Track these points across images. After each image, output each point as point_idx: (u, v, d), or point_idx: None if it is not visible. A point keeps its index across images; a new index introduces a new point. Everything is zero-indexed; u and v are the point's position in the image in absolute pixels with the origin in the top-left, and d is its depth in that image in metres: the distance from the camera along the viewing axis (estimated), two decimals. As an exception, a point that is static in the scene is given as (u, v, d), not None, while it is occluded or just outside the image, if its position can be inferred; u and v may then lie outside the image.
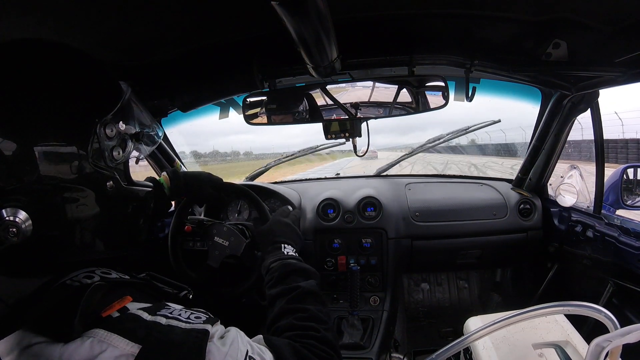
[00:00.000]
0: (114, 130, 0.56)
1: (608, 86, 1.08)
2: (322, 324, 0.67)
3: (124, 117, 0.58)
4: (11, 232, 0.46)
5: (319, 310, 0.71)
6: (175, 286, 0.74)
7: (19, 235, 0.46)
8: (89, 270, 0.54)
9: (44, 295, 0.49)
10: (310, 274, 0.81)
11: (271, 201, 1.78)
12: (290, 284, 0.75)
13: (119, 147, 0.57)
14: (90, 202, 0.54)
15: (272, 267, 0.83)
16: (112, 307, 0.49)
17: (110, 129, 0.55)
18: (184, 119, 1.62)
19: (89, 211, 0.54)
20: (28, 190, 0.48)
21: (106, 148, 0.55)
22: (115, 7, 0.70)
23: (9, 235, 0.46)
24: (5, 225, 0.46)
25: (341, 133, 1.20)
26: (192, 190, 1.05)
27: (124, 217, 0.62)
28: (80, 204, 0.52)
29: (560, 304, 0.67)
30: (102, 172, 0.55)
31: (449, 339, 1.90)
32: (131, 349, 0.45)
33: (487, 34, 1.02)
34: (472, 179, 1.92)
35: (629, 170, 1.50)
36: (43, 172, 0.48)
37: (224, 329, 0.57)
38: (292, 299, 0.72)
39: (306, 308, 0.70)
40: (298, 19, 0.63)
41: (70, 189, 0.51)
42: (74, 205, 0.52)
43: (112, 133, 0.55)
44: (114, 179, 0.57)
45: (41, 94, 0.50)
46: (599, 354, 0.56)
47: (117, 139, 0.57)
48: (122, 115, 0.58)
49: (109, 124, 0.55)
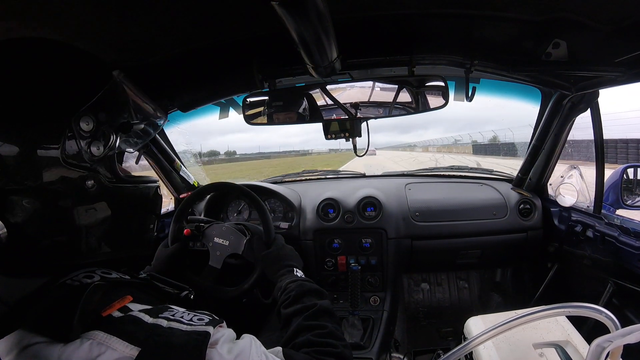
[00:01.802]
0: (90, 123, 0.50)
1: (608, 86, 1.08)
2: (340, 341, 0.68)
3: (107, 108, 0.53)
4: None
5: (336, 328, 0.72)
6: (176, 286, 0.74)
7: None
8: (89, 270, 0.53)
9: (43, 295, 0.49)
10: (323, 294, 0.84)
11: (271, 201, 1.78)
12: (306, 303, 0.77)
13: (98, 141, 0.52)
14: (68, 204, 0.49)
15: (288, 287, 0.85)
16: (112, 306, 0.49)
17: (86, 122, 0.50)
18: (184, 119, 1.62)
19: (69, 214, 0.50)
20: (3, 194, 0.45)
21: (82, 143, 0.50)
22: (115, 7, 0.70)
23: None
24: None
25: (341, 133, 1.20)
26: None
27: (116, 217, 0.56)
28: (57, 208, 0.48)
29: (561, 305, 0.67)
30: (78, 171, 0.50)
31: (449, 339, 1.90)
32: (130, 352, 0.44)
33: (487, 34, 1.01)
34: (472, 179, 1.92)
35: (629, 170, 1.50)
36: (12, 174, 0.45)
37: (232, 333, 0.55)
38: (309, 317, 0.73)
39: (324, 325, 0.70)
40: (298, 19, 0.63)
41: (44, 191, 0.47)
42: (51, 209, 0.48)
43: (89, 127, 0.50)
44: (94, 178, 0.52)
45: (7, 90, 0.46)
46: (599, 354, 0.56)
47: (97, 133, 0.52)
48: (105, 106, 0.53)
49: (85, 117, 0.50)
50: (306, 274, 1.63)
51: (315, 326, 0.70)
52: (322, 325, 0.70)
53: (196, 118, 1.64)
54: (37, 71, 0.49)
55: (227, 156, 27.82)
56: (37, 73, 0.49)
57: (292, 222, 1.68)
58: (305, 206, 1.70)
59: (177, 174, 1.74)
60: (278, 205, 1.78)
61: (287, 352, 0.60)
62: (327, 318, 0.73)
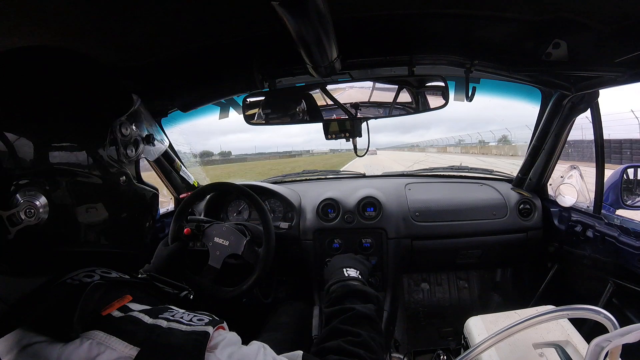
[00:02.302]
0: (128, 130, 0.60)
1: (608, 86, 1.08)
2: (372, 353, 0.65)
3: (135, 121, 0.63)
4: (28, 212, 0.48)
5: (372, 337, 0.69)
6: (175, 286, 0.74)
7: (35, 217, 0.48)
8: (89, 270, 0.54)
9: (43, 294, 0.49)
10: (370, 297, 0.80)
11: (271, 201, 1.78)
12: (345, 305, 0.75)
13: (132, 146, 0.61)
14: (104, 193, 0.56)
15: (331, 289, 0.84)
16: (112, 306, 0.49)
17: (125, 128, 0.60)
18: (184, 119, 1.62)
19: (102, 201, 0.56)
20: (46, 175, 0.50)
21: (121, 145, 0.59)
22: (115, 7, 0.70)
23: (26, 216, 0.48)
24: (24, 207, 0.48)
25: (341, 133, 1.20)
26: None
27: (133, 214, 0.63)
28: (94, 193, 0.55)
29: (558, 309, 0.67)
30: (116, 167, 0.58)
31: (449, 339, 1.90)
32: (129, 352, 0.44)
33: (487, 34, 1.01)
34: (472, 179, 1.92)
35: (629, 170, 1.50)
36: (59, 161, 0.51)
37: (235, 337, 0.54)
38: (345, 320, 0.71)
39: (358, 332, 0.68)
40: (298, 19, 0.63)
41: (87, 176, 0.54)
42: (88, 193, 0.54)
43: (127, 132, 0.60)
44: (126, 175, 0.60)
45: (64, 97, 0.54)
46: (598, 354, 0.56)
47: (131, 139, 0.61)
48: (134, 119, 0.63)
49: (124, 124, 0.59)
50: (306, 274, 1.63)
51: (349, 332, 0.68)
52: (357, 333, 0.68)
53: (196, 118, 1.65)
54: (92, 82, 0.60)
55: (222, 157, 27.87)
56: (92, 84, 0.60)
57: (292, 222, 1.68)
58: (305, 206, 1.70)
59: (177, 174, 1.74)
60: (278, 205, 1.78)
61: (308, 358, 0.59)
62: (365, 324, 0.71)
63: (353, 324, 0.71)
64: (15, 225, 0.48)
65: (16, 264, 0.52)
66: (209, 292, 1.21)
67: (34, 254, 0.52)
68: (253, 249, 1.26)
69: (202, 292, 1.20)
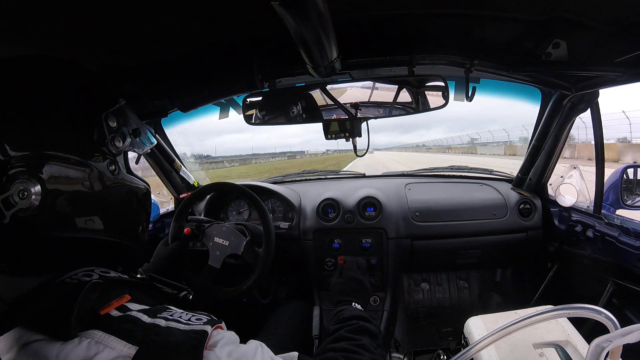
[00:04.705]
0: (115, 122, 0.62)
1: (608, 86, 1.08)
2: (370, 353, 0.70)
3: (122, 116, 0.65)
4: (22, 194, 0.49)
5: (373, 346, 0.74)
6: (174, 287, 0.74)
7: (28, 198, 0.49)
8: (88, 269, 0.54)
9: (42, 293, 0.49)
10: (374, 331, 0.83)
11: (271, 201, 1.78)
12: (352, 320, 0.81)
13: (119, 137, 0.63)
14: (95, 180, 0.58)
15: (341, 311, 0.89)
16: (110, 305, 0.49)
17: (112, 120, 0.62)
18: (184, 119, 1.62)
19: (94, 188, 0.58)
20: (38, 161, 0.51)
21: (108, 136, 0.61)
22: (115, 8, 0.70)
23: (20, 198, 0.49)
24: (17, 190, 0.49)
25: (341, 133, 1.20)
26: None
27: (124, 202, 0.65)
28: (85, 180, 0.57)
29: (558, 308, 0.67)
30: (108, 156, 0.61)
31: (449, 339, 1.90)
32: (128, 351, 0.44)
33: (487, 34, 1.01)
34: (472, 179, 1.92)
35: (629, 170, 1.50)
36: (51, 151, 0.52)
37: (234, 336, 0.54)
38: (351, 330, 0.77)
39: (360, 338, 0.74)
40: (298, 19, 0.63)
41: (78, 163, 0.55)
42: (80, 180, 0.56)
43: (114, 124, 0.62)
44: (115, 164, 0.62)
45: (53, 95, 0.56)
46: (599, 354, 0.56)
47: (118, 131, 0.63)
48: (121, 114, 0.65)
49: (110, 117, 0.62)
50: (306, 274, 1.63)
51: (353, 338, 0.74)
52: (359, 338, 0.73)
53: (196, 118, 1.65)
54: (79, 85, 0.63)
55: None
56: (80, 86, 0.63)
57: (292, 222, 1.68)
58: (305, 206, 1.70)
59: (177, 174, 1.74)
60: (278, 205, 1.78)
61: (304, 358, 0.60)
62: (367, 336, 0.77)
63: (357, 333, 0.76)
64: (10, 208, 0.49)
65: (14, 260, 0.52)
66: (208, 292, 1.21)
67: (30, 240, 0.52)
68: (253, 249, 1.26)
69: (202, 292, 1.20)
